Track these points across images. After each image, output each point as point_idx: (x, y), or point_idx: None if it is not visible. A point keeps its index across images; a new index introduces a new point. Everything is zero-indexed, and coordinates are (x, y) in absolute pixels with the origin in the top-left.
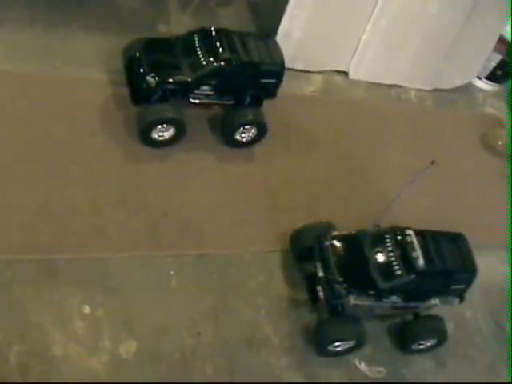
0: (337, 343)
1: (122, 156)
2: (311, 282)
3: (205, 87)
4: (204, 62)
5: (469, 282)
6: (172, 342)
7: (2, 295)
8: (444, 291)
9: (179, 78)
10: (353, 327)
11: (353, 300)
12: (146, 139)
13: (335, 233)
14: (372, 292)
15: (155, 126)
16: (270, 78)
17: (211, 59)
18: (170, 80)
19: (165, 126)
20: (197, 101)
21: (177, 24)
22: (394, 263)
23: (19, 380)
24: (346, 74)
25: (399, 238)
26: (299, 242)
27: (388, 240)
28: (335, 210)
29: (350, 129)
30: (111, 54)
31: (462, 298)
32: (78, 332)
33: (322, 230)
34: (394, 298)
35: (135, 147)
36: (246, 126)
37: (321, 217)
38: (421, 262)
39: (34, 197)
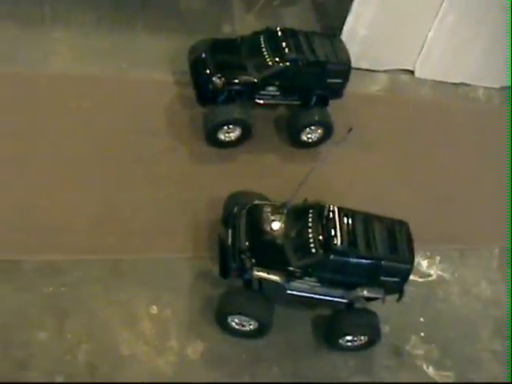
0: (235, 318)
1: (188, 156)
2: (222, 251)
3: (271, 88)
4: (270, 63)
5: (403, 275)
6: (239, 343)
7: (71, 294)
8: (372, 282)
9: (245, 78)
10: (256, 304)
11: (257, 272)
12: (213, 140)
13: (257, 202)
14: (282, 268)
15: (221, 126)
16: (336, 78)
17: (277, 59)
18: (236, 80)
19: (231, 126)
20: (262, 101)
21: (241, 24)
22: (311, 240)
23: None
24: (411, 72)
25: (323, 214)
26: (226, 207)
27: (310, 215)
28: (400, 210)
29: (415, 128)
30: (176, 54)
31: (400, 295)
32: (145, 332)
33: (250, 199)
34: (310, 280)
35: (201, 148)
36: (313, 127)
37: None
38: (337, 241)
39: (100, 196)
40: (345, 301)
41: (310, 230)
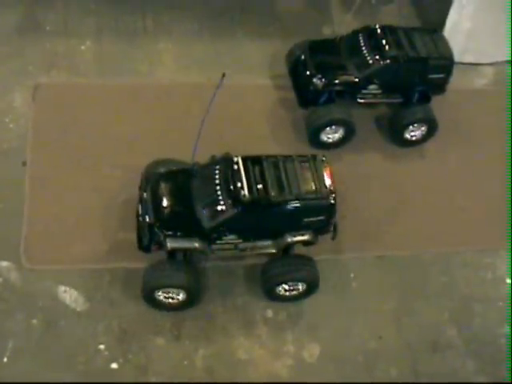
0: (161, 292)
1: None
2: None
3: (372, 86)
4: (370, 61)
5: (326, 212)
6: (354, 345)
7: None
8: (297, 225)
9: (346, 78)
10: (180, 274)
11: (170, 244)
12: (316, 141)
13: (161, 170)
14: (196, 233)
15: (324, 127)
16: (438, 73)
17: (377, 57)
18: (337, 81)
19: (334, 127)
20: (364, 100)
21: (340, 25)
22: (219, 198)
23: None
24: None
25: (228, 168)
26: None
27: (217, 172)
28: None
29: None
30: (276, 58)
31: (334, 232)
32: (261, 336)
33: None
34: (231, 238)
35: (305, 150)
36: (416, 124)
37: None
38: (245, 192)
39: None
40: (274, 251)
41: (217, 188)
